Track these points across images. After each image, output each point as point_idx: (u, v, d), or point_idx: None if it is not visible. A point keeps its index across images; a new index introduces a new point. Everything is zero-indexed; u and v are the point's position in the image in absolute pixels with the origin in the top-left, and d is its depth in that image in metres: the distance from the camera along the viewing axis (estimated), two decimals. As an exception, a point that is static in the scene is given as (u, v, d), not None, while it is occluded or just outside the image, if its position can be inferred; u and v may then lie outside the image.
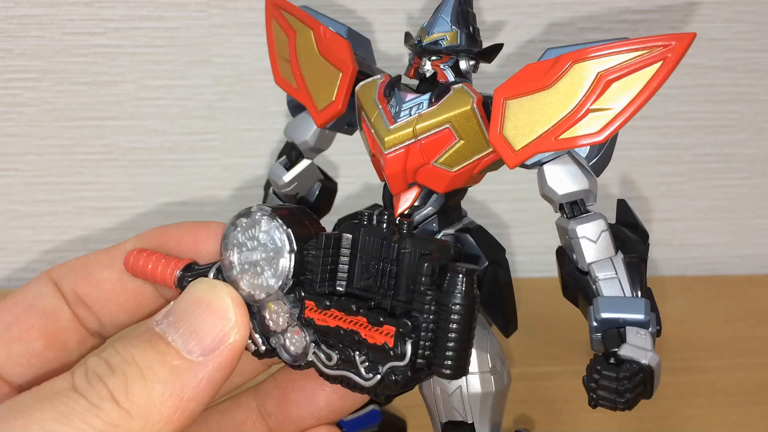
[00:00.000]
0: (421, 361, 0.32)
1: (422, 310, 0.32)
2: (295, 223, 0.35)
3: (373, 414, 0.56)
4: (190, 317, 0.33)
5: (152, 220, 0.84)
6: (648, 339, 0.35)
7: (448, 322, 0.32)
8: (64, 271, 0.39)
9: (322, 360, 0.35)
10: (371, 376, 0.33)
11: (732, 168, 0.88)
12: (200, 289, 0.34)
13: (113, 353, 0.32)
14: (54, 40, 0.77)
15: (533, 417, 0.61)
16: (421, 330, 0.32)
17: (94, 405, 0.30)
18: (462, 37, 0.41)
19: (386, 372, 0.33)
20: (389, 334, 0.32)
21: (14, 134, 0.80)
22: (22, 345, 0.38)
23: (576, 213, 0.39)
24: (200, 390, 0.32)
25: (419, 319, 0.32)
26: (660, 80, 0.35)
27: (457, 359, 0.32)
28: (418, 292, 0.33)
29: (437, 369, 0.32)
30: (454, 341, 0.32)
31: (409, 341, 0.32)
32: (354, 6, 0.78)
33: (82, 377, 0.31)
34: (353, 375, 0.34)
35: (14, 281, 0.85)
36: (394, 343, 0.32)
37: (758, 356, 0.72)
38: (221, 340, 0.33)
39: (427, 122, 0.39)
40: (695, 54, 0.82)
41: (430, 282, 0.32)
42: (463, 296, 0.32)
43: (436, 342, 0.32)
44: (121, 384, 0.30)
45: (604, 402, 0.34)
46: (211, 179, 0.83)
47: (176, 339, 0.32)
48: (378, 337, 0.33)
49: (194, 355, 0.32)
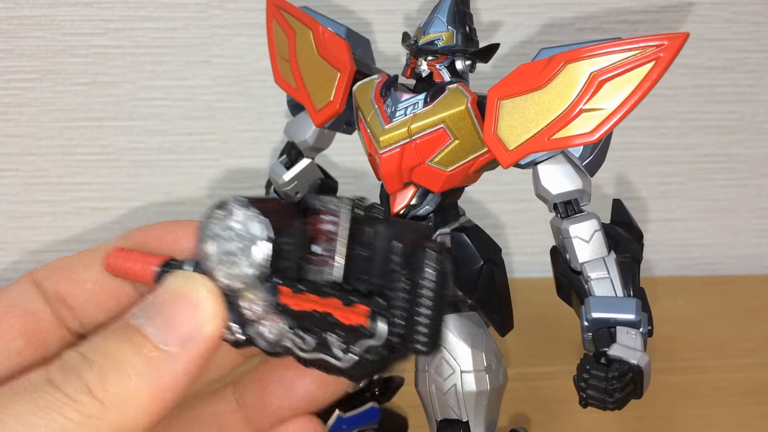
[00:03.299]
0: (395, 339, 0.33)
1: (395, 288, 0.33)
2: (272, 212, 0.35)
3: (372, 411, 0.56)
4: (166, 309, 0.33)
5: (151, 221, 0.83)
6: (638, 339, 0.35)
7: (419, 296, 0.32)
8: (47, 271, 0.40)
9: (298, 345, 0.35)
10: (347, 357, 0.34)
11: (731, 168, 0.88)
12: (175, 281, 0.35)
13: (89, 347, 0.32)
14: (54, 40, 0.77)
15: (529, 416, 0.61)
16: (394, 308, 0.32)
17: (70, 397, 0.30)
18: (458, 38, 0.41)
19: (361, 352, 0.33)
20: (363, 313, 0.33)
21: (14, 135, 0.80)
22: (2, 343, 0.38)
23: (570, 213, 0.39)
24: (177, 381, 0.32)
25: (392, 297, 0.33)
26: (653, 80, 0.36)
27: (429, 335, 0.32)
28: (391, 271, 0.33)
29: (411, 345, 0.32)
30: (426, 316, 0.32)
31: (383, 319, 0.32)
32: (353, 6, 0.78)
33: (58, 371, 0.31)
34: (329, 357, 0.34)
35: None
36: (368, 323, 0.33)
37: (758, 356, 0.72)
38: (197, 330, 0.33)
39: (421, 122, 0.39)
40: (694, 54, 0.82)
41: (402, 261, 0.33)
42: (433, 271, 0.32)
43: (409, 319, 0.32)
44: (97, 376, 0.31)
45: (593, 401, 0.34)
46: (210, 179, 0.83)
47: (152, 331, 0.33)
48: (352, 318, 0.33)
49: (170, 346, 0.32)
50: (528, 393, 0.64)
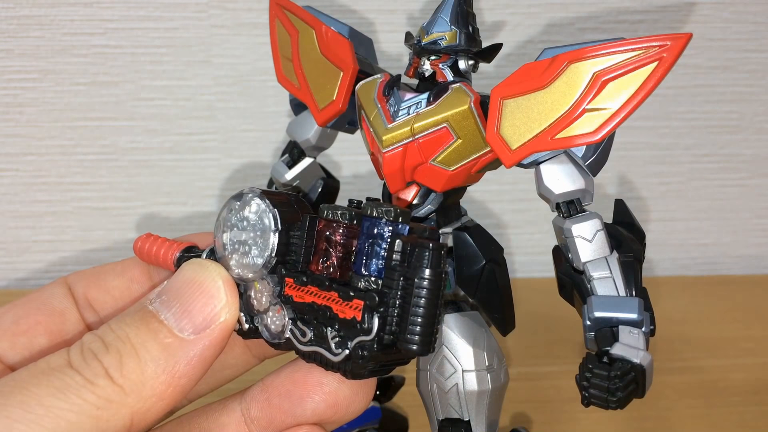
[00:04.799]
0: (388, 337, 0.33)
1: (391, 286, 0.33)
2: (284, 205, 0.36)
3: (373, 411, 0.56)
4: (183, 296, 0.34)
5: (152, 220, 0.84)
6: (640, 338, 0.35)
7: (414, 296, 0.32)
8: (79, 276, 0.42)
9: (297, 337, 0.35)
10: (340, 351, 0.34)
11: (731, 168, 0.88)
12: (192, 269, 0.35)
13: (108, 331, 0.33)
14: (54, 40, 0.77)
15: (531, 416, 0.61)
16: (389, 305, 0.32)
17: (89, 381, 0.31)
18: (461, 37, 0.41)
19: (354, 347, 0.33)
20: (358, 308, 0.33)
21: (14, 134, 0.80)
22: (27, 339, 0.39)
23: (572, 212, 0.39)
24: (191, 367, 0.33)
25: (388, 294, 0.33)
26: (656, 80, 0.36)
27: (422, 334, 0.32)
28: (389, 268, 0.33)
29: (403, 344, 0.32)
30: (420, 315, 0.32)
31: (377, 315, 0.32)
32: (356, 6, 0.78)
33: (78, 354, 0.32)
34: (324, 351, 0.34)
35: (13, 281, 0.85)
36: (362, 318, 0.33)
37: (758, 356, 0.72)
38: (212, 319, 0.34)
39: (424, 121, 0.39)
40: (695, 54, 0.82)
41: (400, 258, 0.33)
42: (429, 270, 0.32)
43: (403, 317, 0.32)
44: (116, 361, 0.32)
45: (595, 401, 0.34)
46: (210, 179, 0.84)
47: (169, 317, 0.34)
48: (348, 312, 0.33)
49: (186, 333, 0.33)
50: (529, 392, 0.64)
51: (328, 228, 0.36)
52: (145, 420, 0.32)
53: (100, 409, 0.30)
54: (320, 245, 0.36)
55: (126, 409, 0.31)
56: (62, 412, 0.30)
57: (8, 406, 0.29)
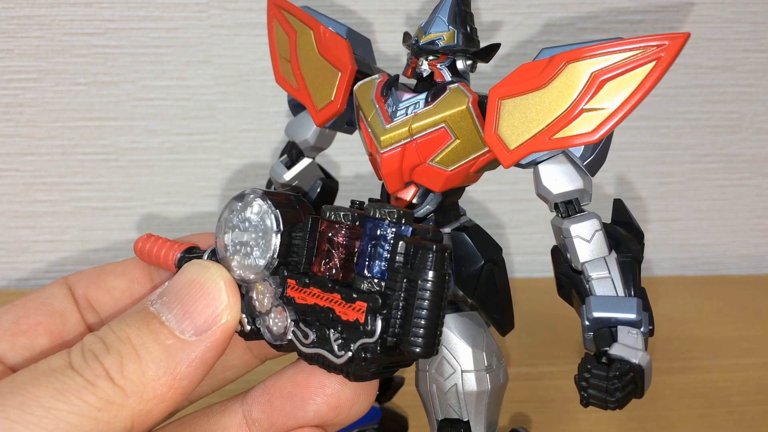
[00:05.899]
0: (391, 339, 0.32)
1: (394, 288, 0.33)
2: (285, 206, 0.36)
3: (372, 411, 0.56)
4: (184, 298, 0.34)
5: (152, 220, 0.84)
6: (639, 338, 0.35)
7: (417, 298, 0.32)
8: (80, 277, 0.41)
9: (299, 339, 0.35)
10: (343, 353, 0.34)
11: (731, 168, 0.88)
12: (193, 271, 0.35)
13: (108, 332, 0.33)
14: (54, 40, 0.77)
15: (530, 416, 0.61)
16: (392, 307, 0.32)
17: (89, 382, 0.31)
18: (459, 37, 0.41)
19: (357, 349, 0.33)
20: (361, 310, 0.33)
21: (14, 134, 0.80)
22: (28, 339, 0.39)
23: (571, 212, 0.39)
24: (193, 369, 0.33)
25: (391, 296, 0.32)
26: (654, 80, 0.35)
27: (426, 336, 0.32)
28: (392, 269, 0.33)
29: (406, 347, 0.32)
30: (423, 318, 0.32)
31: (380, 317, 0.32)
32: (354, 6, 0.78)
33: (79, 355, 0.32)
34: (327, 353, 0.34)
35: (13, 281, 0.85)
36: (365, 320, 0.32)
37: (758, 356, 0.72)
38: (214, 320, 0.34)
39: (422, 121, 0.39)
40: (694, 54, 0.82)
41: (403, 260, 0.33)
42: (433, 272, 0.32)
43: (406, 319, 0.32)
44: (116, 362, 0.32)
45: (594, 401, 0.34)
46: (210, 179, 0.84)
47: (170, 319, 0.34)
48: (351, 314, 0.33)
49: (187, 334, 0.33)
50: (529, 392, 0.64)
51: (331, 229, 0.36)
52: (146, 422, 0.32)
53: (100, 410, 0.30)
54: (322, 246, 0.36)
55: (127, 411, 0.31)
56: (63, 413, 0.30)
57: (8, 408, 0.29)
